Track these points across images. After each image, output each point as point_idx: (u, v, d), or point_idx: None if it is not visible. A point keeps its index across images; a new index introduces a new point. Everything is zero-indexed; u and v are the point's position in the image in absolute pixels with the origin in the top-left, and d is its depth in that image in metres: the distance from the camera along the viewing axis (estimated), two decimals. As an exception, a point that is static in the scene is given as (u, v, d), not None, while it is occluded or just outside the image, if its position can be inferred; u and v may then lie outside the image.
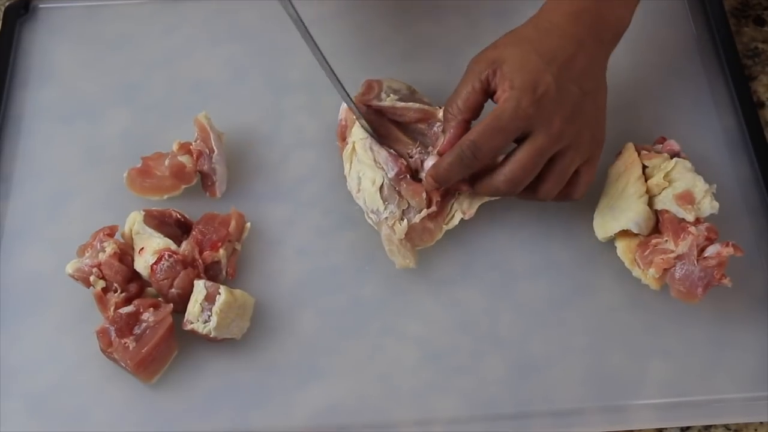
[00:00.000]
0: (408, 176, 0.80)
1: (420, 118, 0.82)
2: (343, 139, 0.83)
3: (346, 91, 0.80)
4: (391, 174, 0.79)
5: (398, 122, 0.83)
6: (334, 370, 0.76)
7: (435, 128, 0.82)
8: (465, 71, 0.76)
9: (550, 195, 0.76)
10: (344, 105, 0.83)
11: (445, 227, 0.80)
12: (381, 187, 0.79)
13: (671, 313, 0.77)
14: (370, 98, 0.83)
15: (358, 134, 0.81)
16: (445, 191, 0.80)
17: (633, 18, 0.80)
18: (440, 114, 0.80)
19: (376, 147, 0.80)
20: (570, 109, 0.73)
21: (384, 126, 0.82)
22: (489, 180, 0.75)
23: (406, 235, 0.78)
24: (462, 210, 0.80)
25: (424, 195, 0.79)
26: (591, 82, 0.75)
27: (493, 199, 0.80)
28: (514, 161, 0.73)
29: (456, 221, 0.80)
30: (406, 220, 0.78)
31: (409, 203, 0.79)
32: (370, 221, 0.80)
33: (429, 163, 0.79)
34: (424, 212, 0.79)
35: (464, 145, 0.73)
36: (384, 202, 0.79)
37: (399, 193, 0.79)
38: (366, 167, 0.80)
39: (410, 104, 0.82)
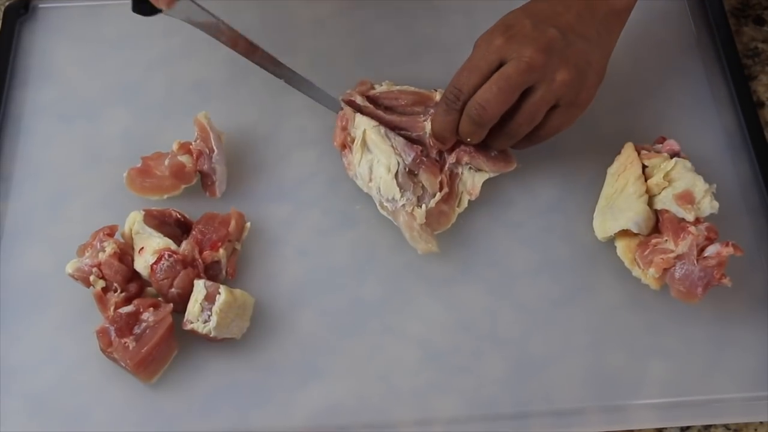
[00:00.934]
0: (425, 159, 0.80)
1: (416, 101, 0.83)
2: (342, 145, 0.83)
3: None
4: (409, 159, 0.80)
5: (393, 110, 0.83)
6: (334, 370, 0.76)
7: (432, 112, 0.82)
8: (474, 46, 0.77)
9: (519, 132, 0.76)
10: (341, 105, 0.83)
11: (458, 210, 0.81)
12: (396, 174, 0.79)
13: (671, 313, 0.77)
14: (366, 89, 0.83)
15: (365, 123, 0.81)
16: (451, 173, 0.80)
17: (633, 18, 0.80)
18: (437, 96, 0.82)
19: (392, 134, 0.81)
20: (545, 43, 0.73)
21: (380, 119, 0.83)
22: (466, 117, 0.76)
23: (426, 220, 0.79)
24: (467, 191, 0.81)
25: (439, 177, 0.79)
26: (575, 34, 0.74)
27: (494, 175, 0.81)
28: (482, 89, 0.73)
29: (465, 203, 0.81)
30: (423, 205, 0.79)
31: (423, 189, 0.80)
32: (384, 212, 0.81)
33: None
34: (438, 195, 0.80)
35: (447, 91, 0.75)
36: (400, 190, 0.79)
37: (413, 179, 0.80)
38: (381, 154, 0.80)
39: (406, 87, 0.83)
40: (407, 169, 0.80)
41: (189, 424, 0.73)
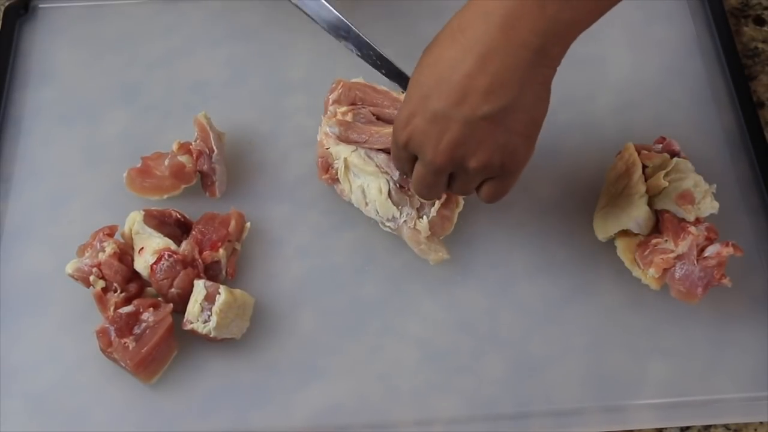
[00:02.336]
0: None
1: (395, 100, 0.82)
2: (326, 170, 0.82)
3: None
4: (396, 175, 0.79)
5: (379, 116, 0.83)
6: (334, 370, 0.76)
7: None
8: None
9: (464, 195, 0.75)
10: (318, 138, 0.82)
11: (457, 210, 0.80)
12: (389, 193, 0.78)
13: (671, 313, 0.77)
14: (344, 100, 0.83)
15: (344, 151, 0.80)
16: None
17: (633, 18, 0.80)
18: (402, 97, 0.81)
19: (373, 153, 0.80)
20: (447, 143, 0.65)
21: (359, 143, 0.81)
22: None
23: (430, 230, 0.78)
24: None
25: None
26: (492, 103, 0.63)
27: None
28: (413, 182, 0.72)
29: (462, 203, 0.80)
30: (424, 216, 0.78)
31: (420, 201, 0.79)
32: (388, 230, 0.80)
33: None
34: (437, 203, 0.78)
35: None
36: (397, 207, 0.78)
37: (407, 192, 0.79)
38: (369, 176, 0.79)
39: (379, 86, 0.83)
40: (398, 185, 0.79)
41: (189, 424, 0.73)
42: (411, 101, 0.67)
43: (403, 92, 0.81)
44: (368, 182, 0.79)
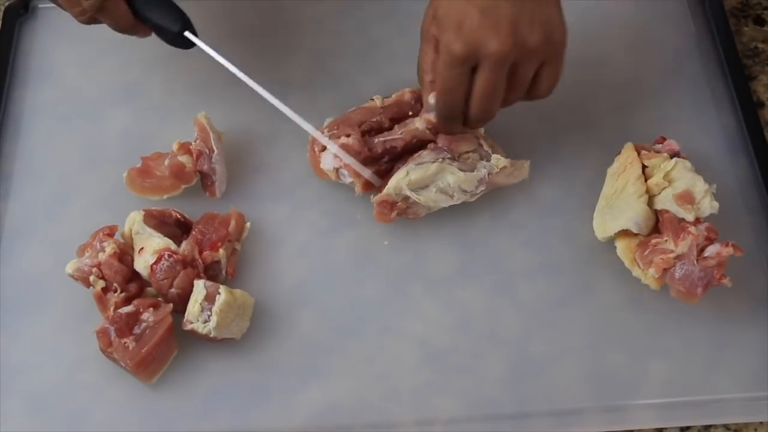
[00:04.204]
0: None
1: (395, 114, 0.83)
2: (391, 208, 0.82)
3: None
4: (348, 181, 0.81)
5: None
6: (334, 370, 0.76)
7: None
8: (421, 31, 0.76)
9: (517, 100, 0.76)
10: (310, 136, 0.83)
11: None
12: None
13: (671, 313, 0.77)
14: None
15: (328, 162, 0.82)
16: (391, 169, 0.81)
17: (632, 18, 0.80)
18: (406, 95, 0.84)
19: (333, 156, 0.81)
20: (506, 28, 0.69)
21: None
22: (471, 118, 0.75)
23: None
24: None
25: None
26: None
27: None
28: (474, 97, 0.73)
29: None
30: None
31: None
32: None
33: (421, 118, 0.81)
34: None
35: (439, 112, 0.75)
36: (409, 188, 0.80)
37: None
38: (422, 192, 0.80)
39: (372, 103, 0.84)
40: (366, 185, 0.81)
41: (189, 424, 0.73)
42: (454, 14, 0.70)
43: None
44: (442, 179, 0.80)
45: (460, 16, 0.70)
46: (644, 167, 0.79)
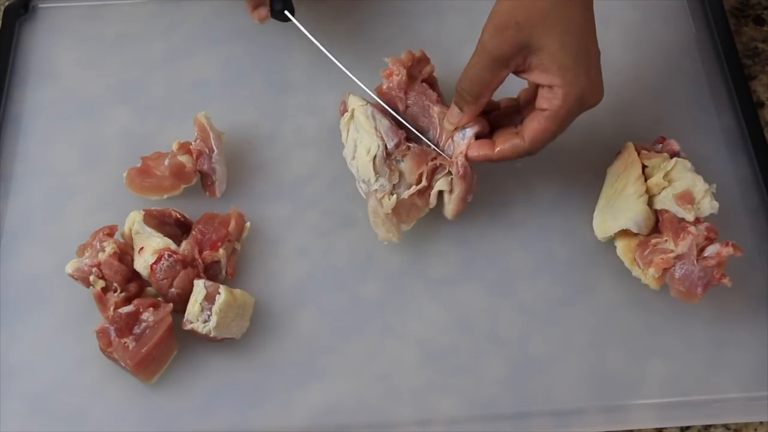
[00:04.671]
0: (411, 146, 0.80)
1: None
2: (343, 110, 0.83)
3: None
4: (391, 144, 0.79)
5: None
6: (334, 370, 0.76)
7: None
8: (479, 44, 0.73)
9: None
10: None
11: (424, 211, 0.80)
12: (375, 158, 0.79)
13: (671, 313, 0.77)
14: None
15: (356, 102, 0.81)
16: (434, 168, 0.79)
17: (632, 18, 0.80)
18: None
19: (379, 115, 0.80)
20: (594, 82, 0.74)
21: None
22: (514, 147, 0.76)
23: (393, 210, 0.78)
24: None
25: (422, 169, 0.79)
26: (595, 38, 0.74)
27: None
28: (538, 132, 0.74)
29: (434, 202, 0.80)
30: (395, 195, 0.78)
31: (400, 177, 0.79)
32: (360, 190, 0.81)
33: (461, 138, 0.79)
34: (414, 188, 0.78)
35: (519, 151, 0.75)
36: (375, 174, 0.79)
37: (391, 165, 0.79)
38: (365, 135, 0.79)
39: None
40: (387, 155, 0.79)
41: (189, 424, 0.73)
42: (575, 70, 0.71)
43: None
44: (362, 139, 0.79)
45: (582, 86, 0.72)
46: (644, 167, 0.79)
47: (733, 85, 0.89)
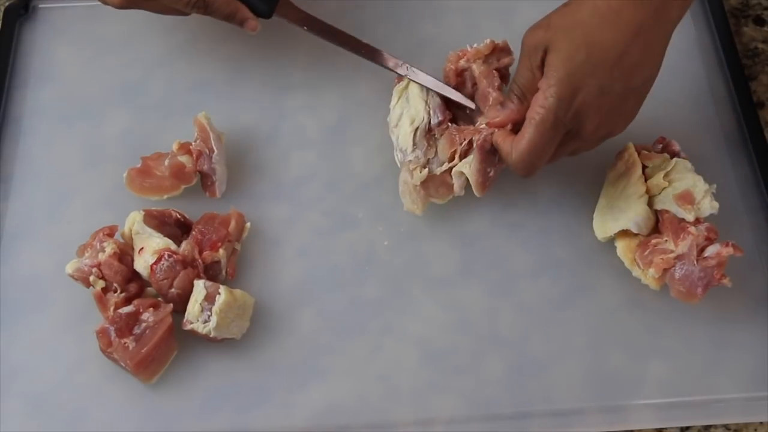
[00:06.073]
0: (452, 126, 0.81)
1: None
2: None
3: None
4: (435, 120, 0.80)
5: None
6: (334, 370, 0.76)
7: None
8: (522, 44, 0.74)
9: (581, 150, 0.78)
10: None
11: (454, 194, 0.81)
12: (416, 130, 0.80)
13: (671, 313, 0.77)
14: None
15: (418, 75, 0.83)
16: (467, 149, 0.80)
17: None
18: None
19: (433, 92, 0.82)
20: (605, 114, 0.72)
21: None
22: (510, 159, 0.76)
23: (423, 183, 0.80)
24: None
25: (455, 148, 0.79)
26: (641, 75, 0.72)
27: None
28: (554, 152, 0.74)
29: (461, 192, 0.81)
30: (427, 169, 0.80)
31: (436, 153, 0.80)
32: (396, 159, 0.82)
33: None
34: (446, 165, 0.80)
35: (518, 164, 0.74)
36: (413, 146, 0.80)
37: (429, 141, 0.80)
38: (413, 105, 0.81)
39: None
40: (429, 129, 0.80)
41: (189, 424, 0.73)
42: (573, 77, 0.70)
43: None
44: (410, 109, 0.81)
45: (577, 84, 0.71)
46: (644, 167, 0.79)
47: (733, 85, 0.89)
